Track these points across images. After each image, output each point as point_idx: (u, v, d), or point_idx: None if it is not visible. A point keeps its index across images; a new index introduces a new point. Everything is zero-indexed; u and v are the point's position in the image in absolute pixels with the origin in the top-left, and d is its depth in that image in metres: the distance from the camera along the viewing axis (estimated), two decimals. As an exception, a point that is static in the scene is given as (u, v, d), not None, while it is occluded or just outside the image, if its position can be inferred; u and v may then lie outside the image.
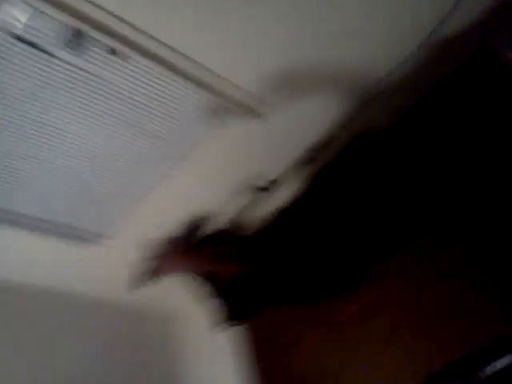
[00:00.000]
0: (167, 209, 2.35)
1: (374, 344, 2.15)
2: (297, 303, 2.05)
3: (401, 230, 1.93)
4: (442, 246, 2.03)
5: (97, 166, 1.99)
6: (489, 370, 1.96)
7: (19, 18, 1.42)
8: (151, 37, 1.60)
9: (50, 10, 1.41)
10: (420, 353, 2.01)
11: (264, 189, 2.29)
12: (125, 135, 1.90)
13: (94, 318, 2.74)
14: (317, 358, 2.32)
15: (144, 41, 1.61)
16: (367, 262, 1.96)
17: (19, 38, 1.48)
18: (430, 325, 2.01)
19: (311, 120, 2.19)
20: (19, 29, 1.45)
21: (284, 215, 2.19)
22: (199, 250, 1.89)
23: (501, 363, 1.93)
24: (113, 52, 1.59)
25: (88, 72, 1.63)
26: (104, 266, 2.57)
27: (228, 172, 2.29)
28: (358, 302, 2.22)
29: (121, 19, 1.53)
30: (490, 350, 1.96)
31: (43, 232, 2.22)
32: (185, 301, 2.93)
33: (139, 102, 1.79)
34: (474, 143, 1.88)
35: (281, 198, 2.37)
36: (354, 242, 1.89)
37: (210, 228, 2.10)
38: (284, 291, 1.86)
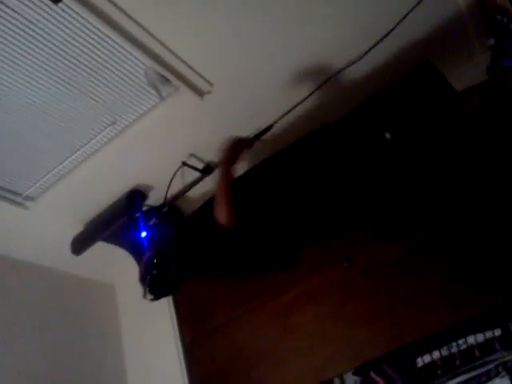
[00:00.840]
0: (97, 176, 2.23)
1: (314, 326, 2.22)
2: (226, 276, 2.05)
3: (347, 217, 1.98)
4: (392, 234, 2.12)
5: (27, 119, 1.88)
6: (422, 360, 2.08)
7: None
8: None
9: None
10: (358, 339, 2.09)
11: (197, 169, 2.27)
12: (61, 92, 1.78)
13: (23, 280, 2.62)
14: (257, 335, 2.38)
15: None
16: (303, 243, 1.99)
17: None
18: (371, 312, 2.09)
19: (255, 106, 2.15)
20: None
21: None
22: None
23: (435, 355, 2.05)
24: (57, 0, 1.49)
25: (29, 20, 1.49)
26: (29, 229, 2.45)
27: (163, 146, 2.20)
28: (303, 284, 2.28)
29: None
30: (426, 342, 2.07)
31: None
32: (119, 274, 2.97)
33: (81, 60, 1.69)
34: (417, 139, 1.98)
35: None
36: (294, 225, 1.91)
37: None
38: (215, 262, 1.84)
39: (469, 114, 1.97)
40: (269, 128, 1.97)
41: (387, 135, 1.89)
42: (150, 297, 1.83)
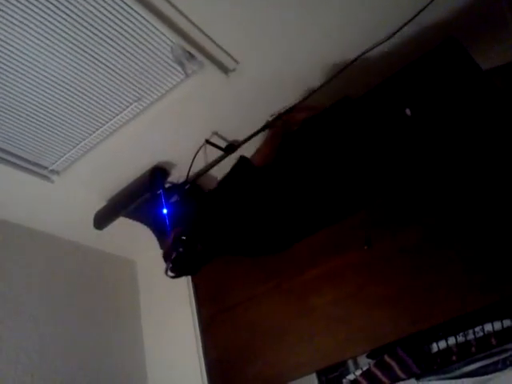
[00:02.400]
0: (121, 152, 2.25)
1: (332, 307, 2.24)
2: (246, 253, 2.08)
3: (364, 193, 1.98)
4: (413, 219, 2.11)
5: (54, 94, 1.90)
6: (438, 346, 2.09)
7: None
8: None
9: None
10: (375, 322, 2.11)
11: (220, 148, 2.27)
12: (88, 68, 1.79)
13: (46, 252, 2.66)
14: (274, 315, 2.41)
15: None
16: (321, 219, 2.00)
17: None
18: (389, 296, 2.10)
19: (280, 85, 2.14)
20: None
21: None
22: None
23: (451, 341, 2.06)
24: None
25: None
26: (53, 202, 2.48)
27: (187, 124, 2.21)
28: (322, 266, 2.30)
29: None
30: (442, 328, 2.08)
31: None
32: (141, 251, 3.02)
33: (109, 36, 1.69)
34: (438, 117, 1.95)
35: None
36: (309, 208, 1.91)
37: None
38: (236, 237, 1.86)
39: (493, 94, 1.92)
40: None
41: (407, 111, 1.87)
42: (171, 274, 1.85)
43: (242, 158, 1.84)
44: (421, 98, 1.91)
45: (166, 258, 1.84)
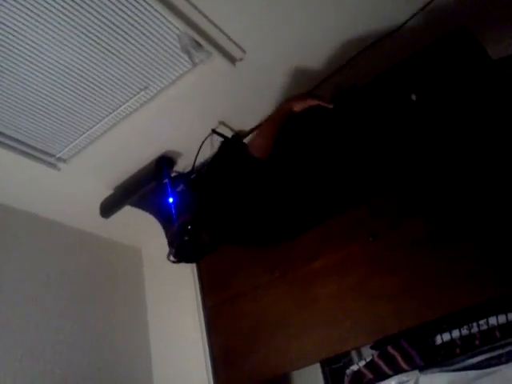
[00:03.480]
0: (127, 140, 2.27)
1: (336, 298, 2.22)
2: (243, 244, 2.08)
3: (370, 182, 1.97)
4: (418, 210, 2.08)
5: (61, 82, 1.90)
6: (441, 338, 2.08)
7: None
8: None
9: None
10: (380, 313, 2.09)
11: (226, 138, 2.27)
12: (95, 55, 1.79)
13: (52, 240, 2.68)
14: (278, 305, 2.40)
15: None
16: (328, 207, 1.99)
17: None
18: (393, 288, 2.08)
19: (288, 75, 2.14)
20: None
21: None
22: None
23: (455, 333, 2.06)
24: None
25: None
26: (60, 190, 2.49)
27: (193, 113, 2.21)
28: (327, 257, 2.28)
29: None
30: (446, 320, 2.07)
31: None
32: (147, 239, 3.05)
33: (116, 24, 1.70)
34: (444, 104, 1.94)
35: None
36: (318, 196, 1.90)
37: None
38: (239, 226, 1.87)
39: (502, 84, 1.89)
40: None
41: (413, 97, 1.86)
42: (172, 259, 1.87)
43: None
44: (427, 84, 1.90)
45: (170, 244, 1.86)
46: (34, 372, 2.25)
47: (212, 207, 1.83)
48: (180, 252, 1.84)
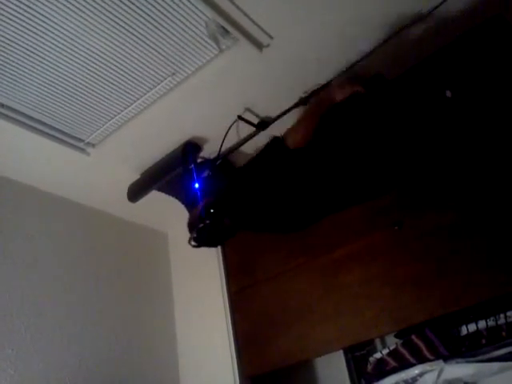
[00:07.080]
0: (155, 126, 2.28)
1: (361, 286, 2.23)
2: (265, 230, 2.09)
3: (398, 174, 1.95)
4: (445, 200, 2.07)
5: (90, 68, 1.92)
6: (467, 328, 2.08)
7: None
8: None
9: None
10: (404, 302, 2.09)
11: (252, 124, 2.27)
12: (123, 41, 1.80)
13: (81, 223, 2.74)
14: (302, 291, 2.42)
15: None
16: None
17: None
18: (418, 277, 2.08)
19: (314, 62, 2.10)
20: None
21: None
22: None
23: (481, 324, 2.05)
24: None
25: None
26: (88, 174, 2.53)
27: (220, 99, 2.21)
28: (352, 245, 2.30)
29: None
30: (472, 311, 2.06)
31: (30, 130, 2.18)
32: (173, 224, 3.08)
33: (144, 10, 1.69)
34: (480, 100, 1.88)
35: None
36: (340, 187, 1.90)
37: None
38: (264, 215, 1.88)
39: None
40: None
41: (448, 93, 1.81)
42: (193, 243, 1.89)
43: (276, 139, 1.83)
44: (462, 80, 1.84)
45: (191, 227, 1.89)
46: (64, 354, 2.32)
47: (240, 193, 1.84)
48: (201, 236, 1.86)
